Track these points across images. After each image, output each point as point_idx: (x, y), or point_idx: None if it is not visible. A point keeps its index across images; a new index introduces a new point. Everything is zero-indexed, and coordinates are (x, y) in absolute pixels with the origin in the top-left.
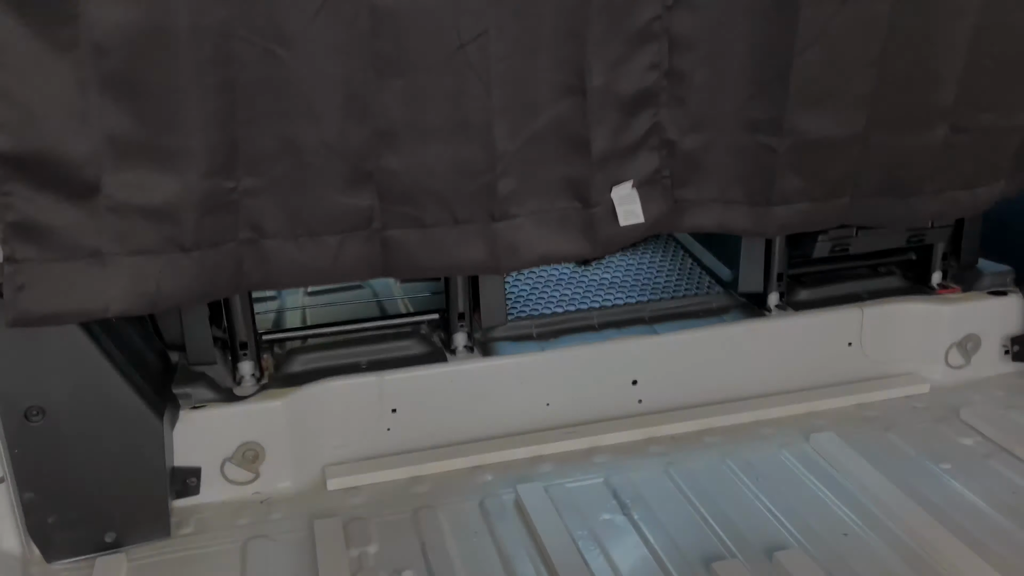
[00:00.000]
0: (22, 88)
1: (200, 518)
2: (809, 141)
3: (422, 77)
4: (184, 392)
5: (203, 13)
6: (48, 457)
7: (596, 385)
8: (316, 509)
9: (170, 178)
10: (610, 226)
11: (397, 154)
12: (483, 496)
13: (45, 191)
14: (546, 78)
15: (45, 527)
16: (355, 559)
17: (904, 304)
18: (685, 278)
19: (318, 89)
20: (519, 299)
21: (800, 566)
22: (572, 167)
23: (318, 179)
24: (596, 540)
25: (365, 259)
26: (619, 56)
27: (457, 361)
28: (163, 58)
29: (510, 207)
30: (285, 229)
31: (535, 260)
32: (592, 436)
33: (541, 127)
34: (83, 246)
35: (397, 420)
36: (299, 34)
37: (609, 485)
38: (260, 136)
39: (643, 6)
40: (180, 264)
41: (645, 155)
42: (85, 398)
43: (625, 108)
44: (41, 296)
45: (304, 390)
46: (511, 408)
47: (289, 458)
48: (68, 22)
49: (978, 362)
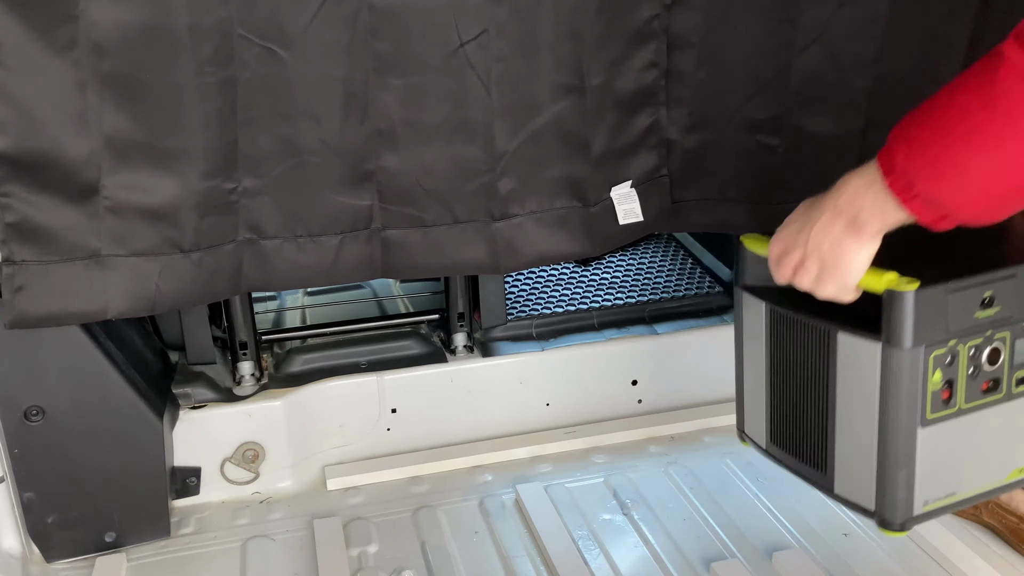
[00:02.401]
0: (21, 88)
1: (200, 518)
2: (809, 140)
3: (422, 77)
4: (184, 392)
5: (203, 13)
6: (48, 457)
7: (596, 385)
8: (316, 509)
9: (170, 179)
10: (610, 225)
11: (397, 154)
12: (483, 496)
13: (44, 192)
14: (546, 77)
15: (45, 527)
16: (355, 558)
17: None
18: (685, 278)
19: (318, 89)
20: (519, 299)
21: (800, 566)
22: (572, 166)
23: (318, 179)
24: (596, 540)
25: (365, 259)
26: (618, 55)
27: (457, 361)
28: (163, 58)
29: (510, 207)
30: (285, 230)
31: (535, 260)
32: (592, 436)
33: (541, 126)
34: (82, 247)
35: (397, 420)
36: (299, 34)
37: (609, 485)
38: (260, 136)
39: (642, 5)
40: (180, 265)
41: (644, 154)
42: (85, 398)
43: (624, 107)
44: (40, 297)
45: (304, 390)
46: (511, 408)
47: (289, 458)
48: (67, 22)
49: None
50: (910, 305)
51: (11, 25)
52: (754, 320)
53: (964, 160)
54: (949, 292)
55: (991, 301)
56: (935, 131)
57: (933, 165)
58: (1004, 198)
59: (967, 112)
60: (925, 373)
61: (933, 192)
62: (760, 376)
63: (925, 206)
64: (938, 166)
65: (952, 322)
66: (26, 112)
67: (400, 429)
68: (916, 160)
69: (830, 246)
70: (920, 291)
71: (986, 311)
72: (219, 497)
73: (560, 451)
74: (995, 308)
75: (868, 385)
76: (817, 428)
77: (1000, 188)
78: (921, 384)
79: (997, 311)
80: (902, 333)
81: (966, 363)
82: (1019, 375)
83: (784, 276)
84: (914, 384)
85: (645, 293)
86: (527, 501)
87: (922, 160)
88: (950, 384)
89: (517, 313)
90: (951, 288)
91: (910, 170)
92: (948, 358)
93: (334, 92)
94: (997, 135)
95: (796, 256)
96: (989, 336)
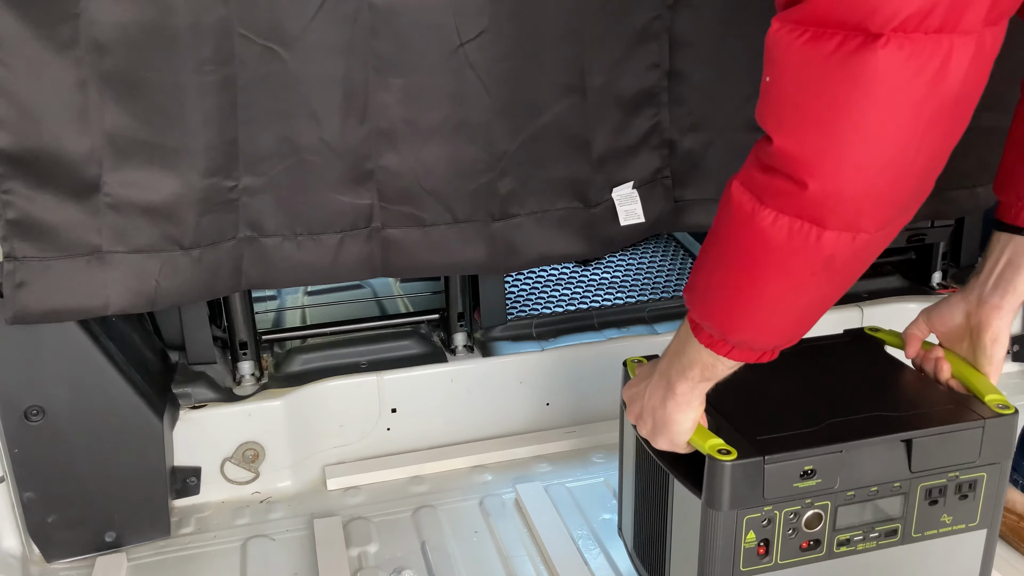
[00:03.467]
0: (22, 86)
1: (200, 517)
2: None
3: (422, 76)
4: (184, 391)
5: (203, 11)
6: (48, 457)
7: (596, 385)
8: (316, 509)
9: (170, 176)
10: (610, 226)
11: (397, 153)
12: (483, 495)
13: (45, 189)
14: (546, 78)
15: (45, 527)
16: (355, 558)
17: (904, 304)
18: (685, 278)
19: (318, 88)
20: (519, 299)
21: None
22: (572, 167)
23: (318, 178)
24: (596, 540)
25: (365, 258)
26: (619, 55)
27: (457, 361)
28: (163, 56)
29: (510, 207)
30: (285, 228)
31: (535, 260)
32: (592, 436)
33: (541, 127)
34: (83, 244)
35: (397, 420)
36: (299, 33)
37: (609, 485)
38: (260, 135)
39: (644, 5)
40: (180, 262)
41: (646, 155)
42: (85, 398)
43: (625, 108)
44: (40, 293)
45: (304, 390)
46: (511, 408)
47: (289, 458)
48: (68, 20)
49: None
50: (727, 475)
51: (12, 23)
52: (628, 435)
53: (745, 306)
54: (768, 464)
55: (812, 473)
56: (708, 287)
57: (725, 315)
58: (788, 328)
59: (725, 264)
60: (738, 532)
61: (736, 336)
62: (631, 487)
63: (732, 349)
64: (729, 315)
65: (769, 490)
66: (27, 109)
67: (400, 429)
68: (709, 314)
69: (659, 407)
70: (737, 463)
71: (806, 481)
72: (219, 497)
73: (560, 451)
74: (815, 480)
75: (692, 531)
76: (660, 554)
77: (782, 321)
78: (734, 541)
79: (818, 483)
80: (718, 498)
81: (783, 525)
82: (841, 538)
83: (632, 422)
84: (728, 540)
85: (645, 293)
86: (527, 501)
87: (711, 312)
88: (766, 542)
89: (517, 313)
90: (770, 460)
91: (709, 322)
92: (764, 521)
93: (334, 91)
94: (754, 283)
95: (637, 408)
96: (809, 503)
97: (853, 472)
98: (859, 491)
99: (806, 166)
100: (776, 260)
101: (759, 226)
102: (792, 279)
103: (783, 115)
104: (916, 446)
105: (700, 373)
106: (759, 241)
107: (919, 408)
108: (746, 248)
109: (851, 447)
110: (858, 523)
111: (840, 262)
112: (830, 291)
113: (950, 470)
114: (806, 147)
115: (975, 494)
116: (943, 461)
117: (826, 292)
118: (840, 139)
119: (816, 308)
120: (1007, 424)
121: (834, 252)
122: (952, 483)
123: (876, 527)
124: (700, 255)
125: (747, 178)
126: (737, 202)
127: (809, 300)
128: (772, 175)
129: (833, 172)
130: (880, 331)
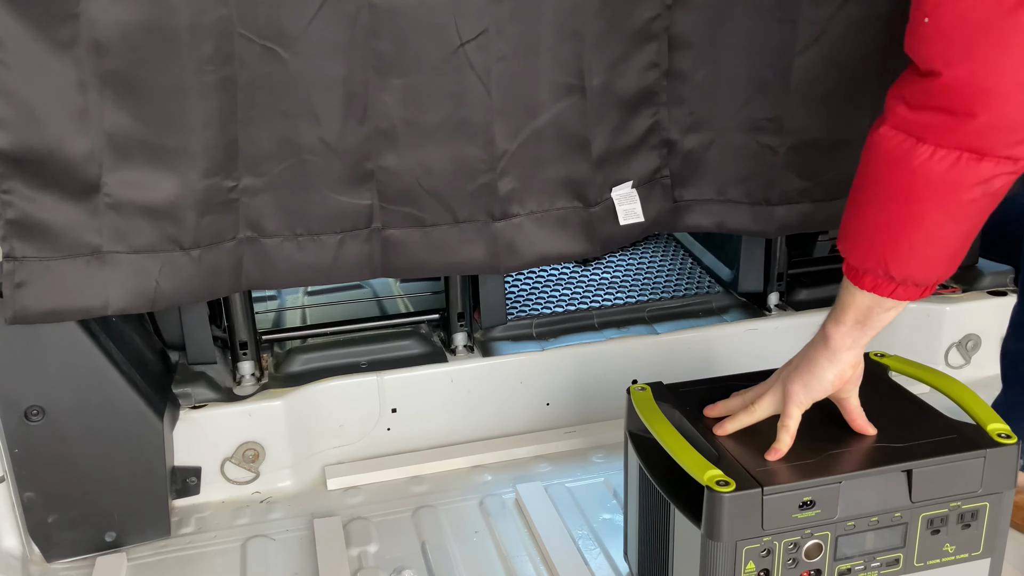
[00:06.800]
0: (22, 86)
1: (200, 517)
2: (809, 141)
3: (422, 76)
4: (184, 392)
5: (203, 11)
6: (48, 457)
7: (596, 385)
8: (316, 509)
9: (170, 177)
10: (610, 226)
11: (397, 153)
12: (483, 496)
13: (45, 189)
14: (546, 77)
15: (45, 526)
16: (355, 558)
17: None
18: (685, 278)
19: (318, 88)
20: (519, 299)
21: None
22: (572, 167)
23: (318, 178)
24: (596, 540)
25: (365, 258)
26: (619, 55)
27: (457, 361)
28: (163, 56)
29: (510, 207)
30: (285, 228)
31: (535, 260)
32: (592, 436)
33: (541, 127)
34: (83, 244)
35: (397, 420)
36: (299, 33)
37: (609, 485)
38: (260, 135)
39: (643, 5)
40: (180, 263)
41: (645, 154)
42: (85, 398)
43: (625, 107)
44: (40, 293)
45: (304, 390)
46: (511, 408)
47: (289, 458)
48: (68, 20)
49: (978, 362)
50: (725, 506)
51: (12, 23)
52: (632, 466)
53: (906, 242)
54: (766, 495)
55: (811, 504)
56: (867, 228)
57: (890, 252)
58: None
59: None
60: (738, 563)
61: (901, 272)
62: (635, 514)
63: (897, 287)
64: (894, 251)
65: (768, 521)
66: (27, 110)
67: (400, 429)
68: (872, 254)
69: (810, 350)
70: (735, 494)
71: (805, 512)
72: (219, 497)
73: (560, 451)
74: (814, 511)
75: (693, 561)
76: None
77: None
78: (734, 571)
79: (817, 513)
80: (717, 529)
81: (783, 555)
82: (842, 567)
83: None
84: (728, 570)
85: (645, 293)
86: (527, 501)
87: (874, 251)
88: (766, 572)
89: (517, 313)
90: (768, 491)
91: (873, 262)
92: (764, 551)
93: (334, 91)
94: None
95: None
96: (808, 533)
97: (853, 502)
98: (859, 521)
99: (978, 97)
100: (937, 192)
101: (917, 161)
102: (953, 209)
103: (949, 53)
104: (917, 476)
105: (853, 317)
106: (920, 176)
107: (920, 438)
108: (905, 185)
109: (850, 478)
110: (859, 553)
111: (997, 188)
112: (981, 220)
113: (952, 500)
114: (980, 79)
115: (978, 523)
116: (945, 491)
117: (977, 221)
118: (1013, 71)
119: (971, 236)
120: (1008, 454)
121: (992, 178)
122: (954, 512)
123: (878, 556)
124: (849, 204)
125: (898, 121)
126: (890, 144)
127: (968, 227)
128: (931, 112)
129: (1000, 102)
130: (886, 356)
